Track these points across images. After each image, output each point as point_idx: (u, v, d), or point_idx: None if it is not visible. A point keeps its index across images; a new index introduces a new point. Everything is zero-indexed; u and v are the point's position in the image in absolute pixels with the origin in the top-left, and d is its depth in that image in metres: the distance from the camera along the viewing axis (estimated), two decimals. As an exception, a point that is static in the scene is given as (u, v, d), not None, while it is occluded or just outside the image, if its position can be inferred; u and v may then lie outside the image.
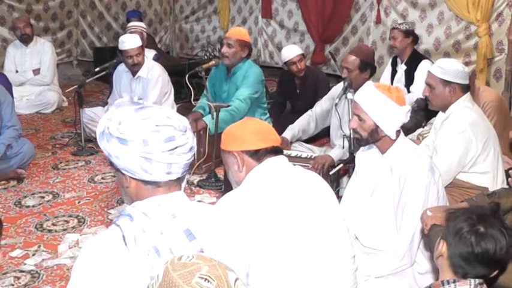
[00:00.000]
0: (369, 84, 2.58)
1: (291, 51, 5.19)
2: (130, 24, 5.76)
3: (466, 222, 1.67)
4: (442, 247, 1.73)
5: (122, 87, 5.09)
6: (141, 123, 1.42)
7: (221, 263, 1.23)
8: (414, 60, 4.97)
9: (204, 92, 4.67)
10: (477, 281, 1.68)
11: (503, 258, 1.67)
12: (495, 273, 1.71)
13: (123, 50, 4.84)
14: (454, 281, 1.69)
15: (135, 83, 5.00)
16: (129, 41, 4.86)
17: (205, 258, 1.23)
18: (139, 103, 1.49)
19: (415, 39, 5.12)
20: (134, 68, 4.92)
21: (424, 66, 4.74)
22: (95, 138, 5.29)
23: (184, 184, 1.56)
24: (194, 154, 1.53)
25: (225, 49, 4.60)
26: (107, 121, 1.45)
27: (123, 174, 1.48)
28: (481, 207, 1.75)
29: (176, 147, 1.44)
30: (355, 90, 3.74)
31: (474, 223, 1.66)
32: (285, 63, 5.24)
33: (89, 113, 5.13)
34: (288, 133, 4.32)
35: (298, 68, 5.17)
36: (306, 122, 4.42)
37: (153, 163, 1.42)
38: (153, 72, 4.97)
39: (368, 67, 3.94)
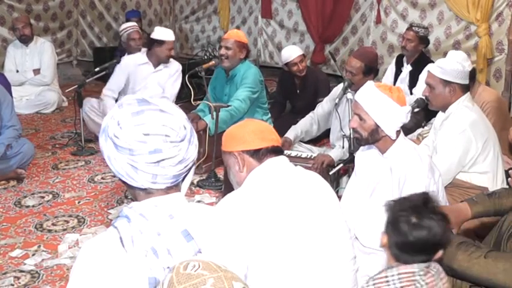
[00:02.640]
0: (370, 84, 2.58)
1: (291, 52, 5.19)
2: (126, 25, 5.75)
3: (400, 214, 1.76)
4: (383, 238, 1.81)
5: (134, 79, 5.08)
6: (132, 130, 1.39)
7: (227, 273, 1.21)
8: (421, 62, 4.94)
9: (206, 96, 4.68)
10: (422, 265, 1.73)
11: (439, 243, 1.74)
12: (439, 254, 1.76)
13: (165, 41, 4.95)
14: (398, 265, 1.76)
15: (156, 74, 5.06)
16: (171, 34, 5.05)
17: (211, 268, 1.21)
18: (146, 102, 1.44)
19: (427, 44, 5.17)
20: (167, 60, 5.05)
21: None
22: (95, 138, 5.34)
23: (186, 186, 1.55)
24: (190, 164, 1.48)
25: (223, 51, 4.62)
26: (110, 119, 1.44)
27: None
28: (413, 198, 1.82)
29: (162, 160, 1.40)
30: (356, 90, 3.74)
31: (407, 214, 1.74)
32: (286, 64, 5.24)
33: (94, 103, 5.21)
34: (290, 133, 4.32)
35: (300, 68, 5.18)
36: (308, 124, 4.42)
37: (139, 172, 1.41)
38: (174, 65, 5.14)
39: (372, 71, 3.94)
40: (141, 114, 1.40)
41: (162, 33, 5.01)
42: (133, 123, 1.39)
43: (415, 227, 1.72)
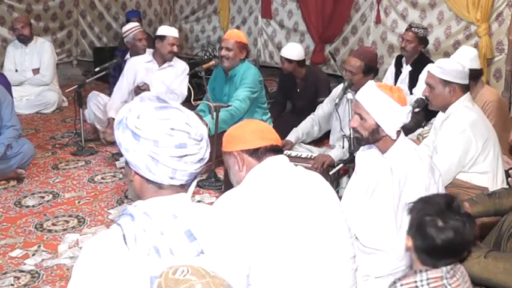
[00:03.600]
0: (371, 84, 2.58)
1: (286, 51, 5.22)
2: (130, 26, 5.74)
3: (425, 218, 1.77)
4: (408, 241, 1.82)
5: (140, 77, 5.06)
6: (158, 123, 1.40)
7: (216, 279, 1.22)
8: (420, 62, 4.93)
9: (205, 95, 4.68)
10: (448, 267, 1.75)
11: (466, 244, 1.76)
12: (464, 255, 1.79)
13: (166, 37, 4.95)
14: (426, 270, 1.77)
15: (161, 71, 5.03)
16: (173, 30, 5.07)
17: (200, 274, 1.22)
18: (165, 101, 1.46)
19: (427, 44, 5.16)
20: (169, 57, 5.03)
21: None
22: (94, 137, 5.32)
23: (192, 189, 1.55)
24: (204, 165, 1.51)
25: (224, 52, 4.62)
26: (127, 111, 1.44)
27: (129, 167, 1.49)
28: (436, 201, 1.82)
29: (185, 155, 1.43)
30: (356, 91, 3.75)
31: (433, 218, 1.75)
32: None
33: (97, 97, 5.23)
34: (292, 136, 4.32)
35: (283, 66, 5.25)
36: (309, 125, 4.42)
37: (159, 165, 1.42)
38: (180, 64, 5.15)
39: (372, 71, 3.94)
40: (165, 110, 1.43)
41: (164, 29, 5.07)
42: (158, 117, 1.41)
43: (442, 230, 1.72)
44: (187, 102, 5.28)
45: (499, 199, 2.50)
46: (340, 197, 2.80)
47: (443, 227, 1.73)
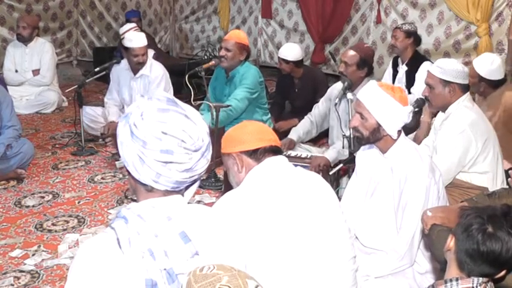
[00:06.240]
0: (373, 83, 2.58)
1: (284, 51, 5.22)
2: (128, 27, 5.72)
3: (475, 220, 1.69)
4: (450, 241, 1.75)
5: (121, 85, 5.08)
6: (153, 124, 1.40)
7: (241, 272, 1.27)
8: (415, 61, 4.95)
9: (206, 95, 4.68)
10: (480, 279, 1.69)
11: (509, 260, 1.68)
12: (502, 273, 1.71)
13: (130, 48, 4.83)
14: (457, 279, 1.71)
15: (136, 81, 4.99)
16: (137, 40, 4.85)
17: (226, 268, 1.27)
18: (173, 104, 1.45)
19: (417, 40, 5.12)
20: (138, 67, 4.92)
21: (425, 68, 4.68)
22: (94, 137, 5.32)
23: (189, 194, 1.55)
24: (196, 176, 1.48)
25: (223, 52, 4.61)
26: (136, 107, 1.45)
27: None
28: (493, 207, 1.74)
29: (171, 162, 1.41)
30: (353, 90, 3.76)
31: (483, 222, 1.68)
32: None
33: (89, 111, 5.17)
34: (293, 135, 4.34)
35: (281, 66, 5.25)
36: (308, 125, 4.43)
37: (144, 166, 1.41)
38: (156, 71, 4.98)
39: (366, 65, 3.97)
40: (166, 113, 1.42)
41: (128, 39, 4.87)
42: (156, 118, 1.41)
43: (489, 236, 1.65)
44: (187, 102, 5.28)
45: (499, 199, 2.49)
46: (340, 197, 2.80)
47: (491, 233, 1.64)
